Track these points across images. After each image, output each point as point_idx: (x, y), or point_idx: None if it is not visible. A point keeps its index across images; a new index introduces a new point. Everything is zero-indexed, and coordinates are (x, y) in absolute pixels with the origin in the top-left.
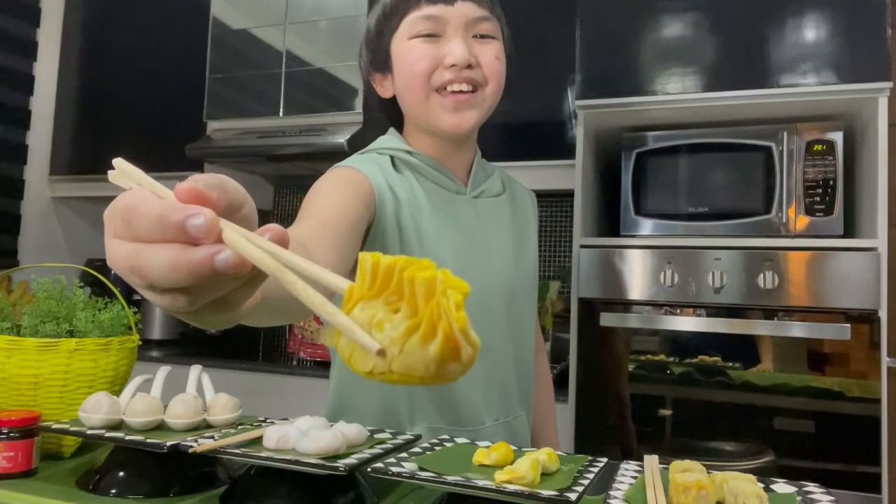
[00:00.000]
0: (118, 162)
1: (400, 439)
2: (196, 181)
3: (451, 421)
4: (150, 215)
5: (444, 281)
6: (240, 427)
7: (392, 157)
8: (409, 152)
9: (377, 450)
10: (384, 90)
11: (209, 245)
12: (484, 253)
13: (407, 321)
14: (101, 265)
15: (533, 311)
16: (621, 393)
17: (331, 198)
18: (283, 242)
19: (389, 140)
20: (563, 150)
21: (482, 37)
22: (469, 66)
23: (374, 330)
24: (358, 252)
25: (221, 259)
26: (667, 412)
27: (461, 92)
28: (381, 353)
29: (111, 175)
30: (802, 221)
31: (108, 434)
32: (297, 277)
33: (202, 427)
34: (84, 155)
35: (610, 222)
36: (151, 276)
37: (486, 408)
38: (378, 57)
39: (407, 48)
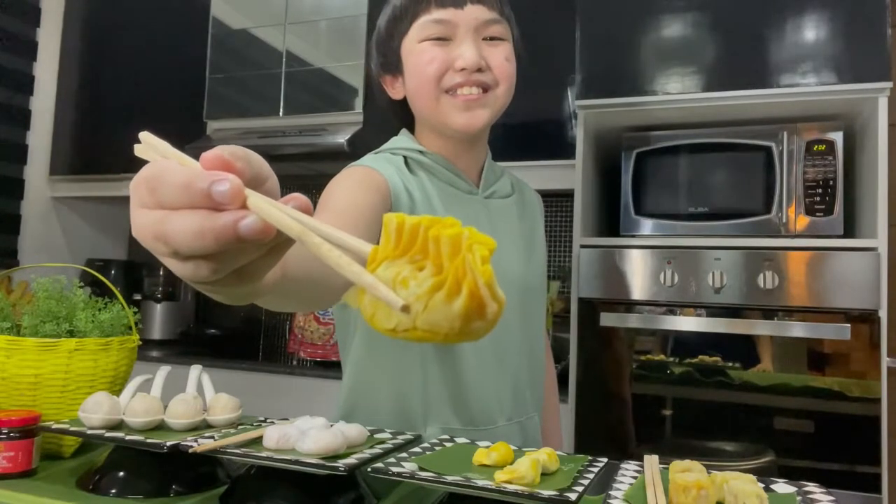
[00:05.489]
0: (144, 135)
1: (400, 439)
2: (222, 150)
3: (465, 421)
4: (175, 182)
5: (470, 237)
6: (240, 427)
7: (405, 158)
8: (422, 152)
9: (377, 450)
10: (395, 92)
11: (234, 210)
12: (497, 254)
13: (432, 278)
14: (101, 265)
15: (543, 312)
16: (621, 393)
17: (348, 194)
18: (307, 211)
19: (402, 140)
20: (563, 150)
21: (492, 39)
22: (479, 70)
23: (398, 287)
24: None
25: (246, 224)
26: (667, 412)
27: (471, 94)
28: (406, 308)
29: (137, 149)
30: (802, 221)
31: (108, 434)
32: (322, 240)
33: (202, 427)
34: (84, 155)
35: (610, 222)
36: (177, 243)
37: (500, 408)
38: (389, 59)
39: (418, 51)
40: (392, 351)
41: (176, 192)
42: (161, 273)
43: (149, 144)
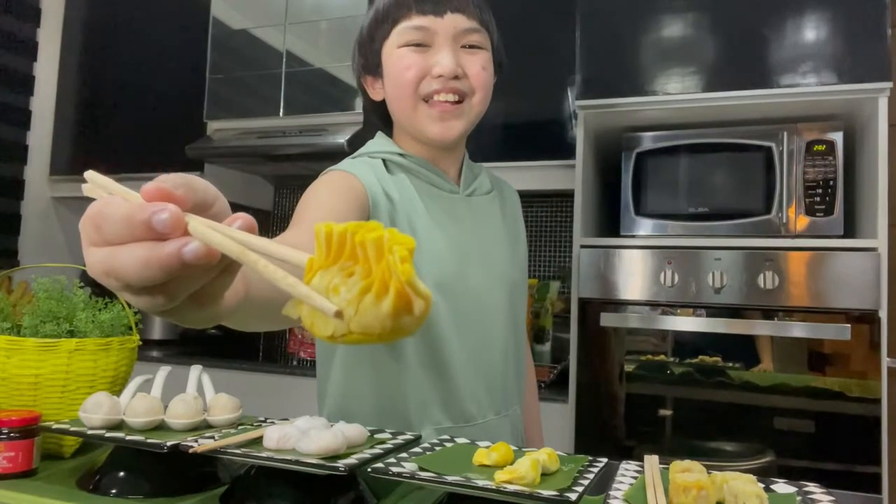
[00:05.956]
0: (90, 174)
1: (400, 439)
2: (162, 181)
3: (455, 418)
4: (117, 217)
5: (390, 239)
6: (240, 427)
7: (385, 161)
8: (402, 155)
9: (377, 450)
10: (375, 93)
11: (177, 239)
12: (483, 250)
13: (361, 282)
14: None
15: (525, 305)
16: (621, 393)
17: (324, 202)
18: (251, 230)
19: (381, 143)
20: (563, 150)
21: (471, 47)
22: (456, 77)
23: (331, 294)
24: None
25: (189, 250)
26: (667, 412)
27: (447, 102)
28: (339, 314)
29: (85, 189)
30: (803, 221)
31: (108, 434)
32: (259, 257)
33: (202, 427)
34: (84, 155)
35: (610, 222)
36: (126, 276)
37: (490, 402)
38: (370, 61)
39: (397, 56)
40: (379, 356)
41: (119, 227)
42: None
43: (95, 183)
